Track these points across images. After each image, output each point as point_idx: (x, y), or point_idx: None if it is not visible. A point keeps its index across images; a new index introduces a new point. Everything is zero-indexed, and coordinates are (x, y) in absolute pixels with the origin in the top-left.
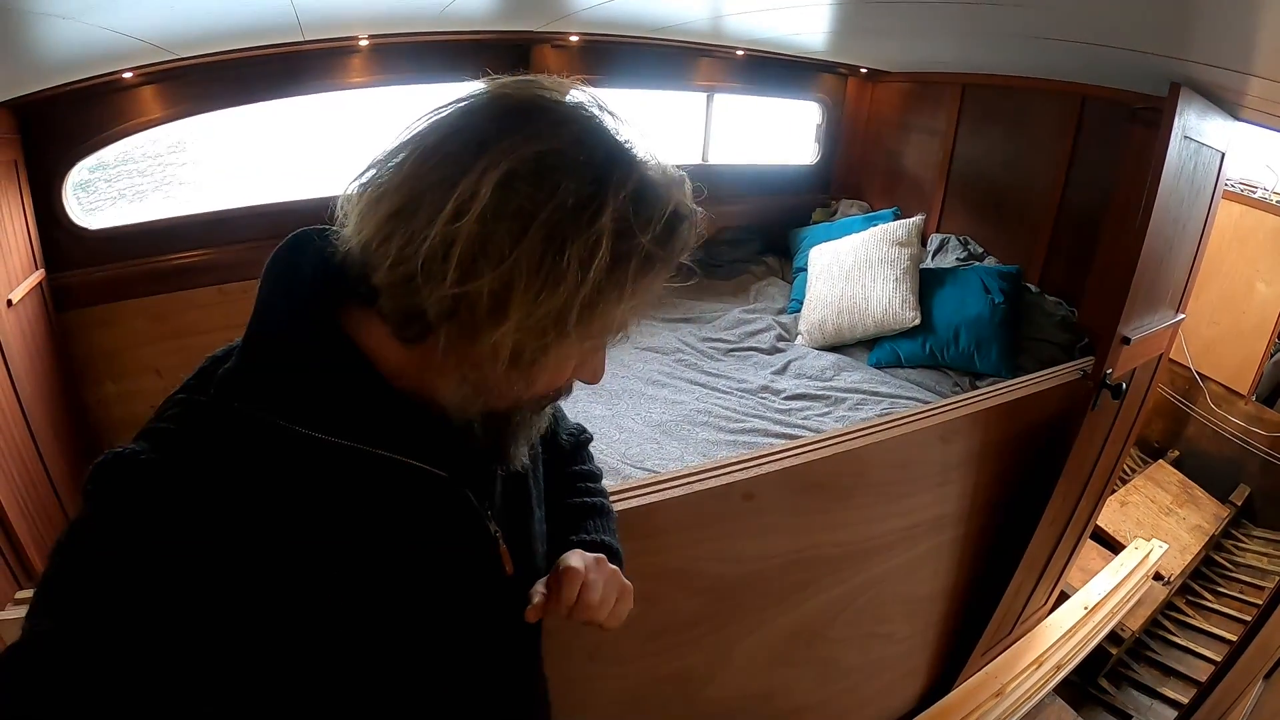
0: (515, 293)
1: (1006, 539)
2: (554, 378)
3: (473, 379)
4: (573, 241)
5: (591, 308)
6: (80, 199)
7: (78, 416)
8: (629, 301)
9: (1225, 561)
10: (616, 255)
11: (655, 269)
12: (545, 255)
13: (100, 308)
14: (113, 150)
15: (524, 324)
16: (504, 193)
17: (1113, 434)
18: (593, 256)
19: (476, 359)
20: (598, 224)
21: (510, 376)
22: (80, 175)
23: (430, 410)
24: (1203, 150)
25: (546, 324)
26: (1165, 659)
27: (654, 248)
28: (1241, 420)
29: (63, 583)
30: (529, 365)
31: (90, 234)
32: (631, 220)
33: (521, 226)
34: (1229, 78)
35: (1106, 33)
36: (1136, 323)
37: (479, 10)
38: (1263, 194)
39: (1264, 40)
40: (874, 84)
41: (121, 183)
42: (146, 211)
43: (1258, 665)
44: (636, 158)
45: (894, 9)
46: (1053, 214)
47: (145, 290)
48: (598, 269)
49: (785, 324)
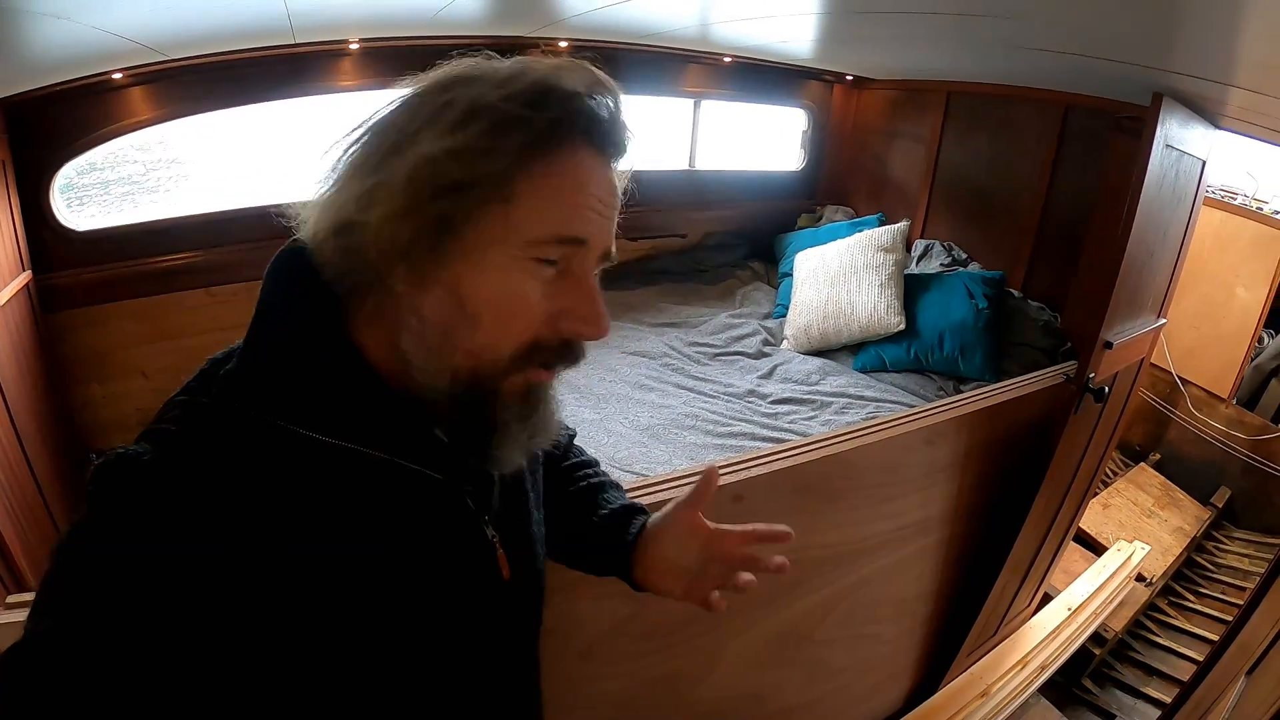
0: (396, 180)
1: (991, 541)
2: (503, 314)
3: (422, 331)
4: (431, 115)
5: (472, 181)
6: (68, 199)
7: (64, 418)
8: (522, 181)
9: (1207, 563)
10: (471, 115)
11: (528, 135)
12: (406, 129)
13: (87, 309)
14: (101, 151)
15: (415, 206)
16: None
17: (1095, 437)
18: (445, 118)
19: (416, 304)
20: (452, 95)
21: (453, 316)
22: (68, 176)
23: (429, 412)
24: (1184, 158)
25: (435, 209)
26: (1148, 659)
27: (516, 108)
28: (1222, 424)
29: (64, 584)
30: (462, 291)
31: (78, 235)
32: (495, 90)
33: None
34: (1210, 88)
35: (1091, 44)
36: (1119, 328)
37: (471, 15)
38: (1243, 200)
39: (1244, 53)
40: (860, 91)
41: (111, 183)
42: (135, 213)
43: (1240, 663)
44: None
45: (882, 18)
46: (1036, 220)
47: (133, 292)
48: (455, 132)
49: (771, 329)
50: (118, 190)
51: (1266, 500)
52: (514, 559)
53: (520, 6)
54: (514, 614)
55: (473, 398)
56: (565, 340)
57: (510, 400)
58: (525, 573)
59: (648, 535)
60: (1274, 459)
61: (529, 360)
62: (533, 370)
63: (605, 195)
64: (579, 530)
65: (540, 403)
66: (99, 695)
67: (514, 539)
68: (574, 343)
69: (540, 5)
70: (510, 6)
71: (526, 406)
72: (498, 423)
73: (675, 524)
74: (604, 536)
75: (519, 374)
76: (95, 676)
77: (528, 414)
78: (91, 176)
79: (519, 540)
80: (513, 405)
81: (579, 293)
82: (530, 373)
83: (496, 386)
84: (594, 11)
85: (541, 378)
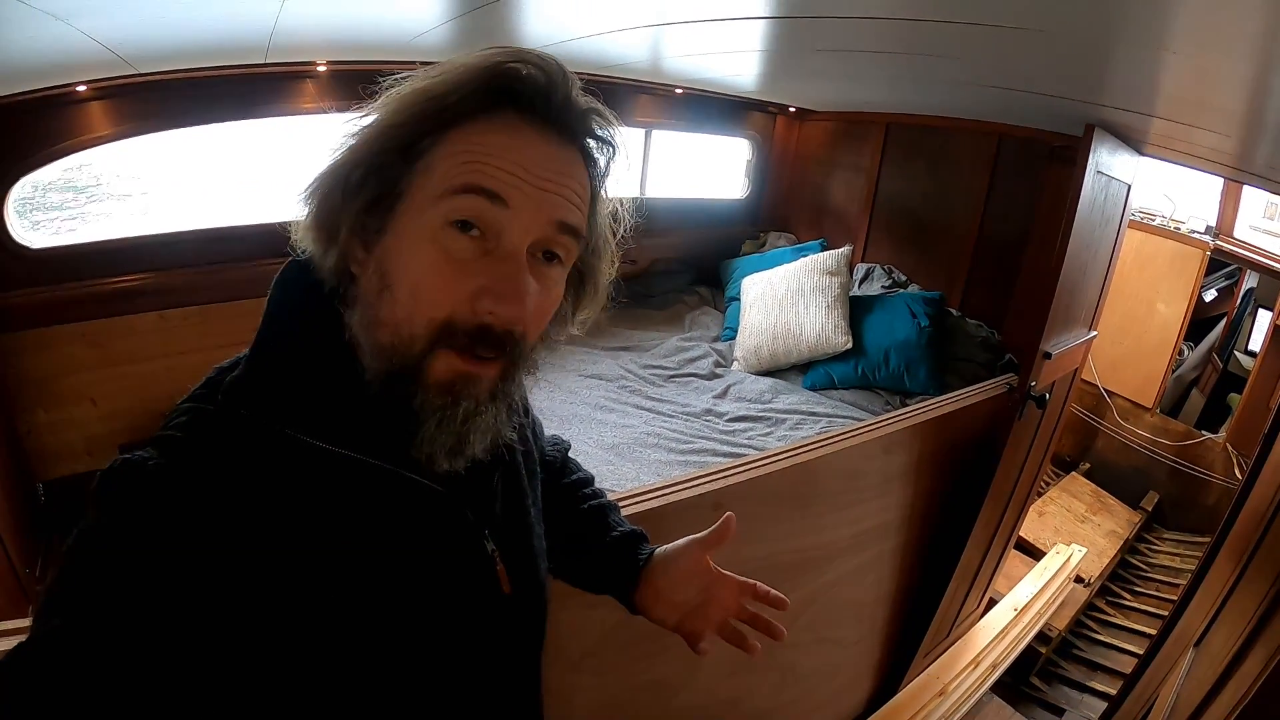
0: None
1: (942, 546)
2: (414, 284)
3: (363, 311)
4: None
5: (389, 156)
6: (21, 215)
7: (9, 445)
8: (439, 150)
9: (1140, 564)
10: (392, 99)
11: (441, 106)
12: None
13: (35, 331)
14: (56, 167)
15: (358, 184)
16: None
17: (1035, 444)
18: (374, 108)
19: (363, 287)
20: (392, 90)
21: (378, 289)
22: (22, 191)
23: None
24: (1112, 183)
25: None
26: (1091, 655)
27: (433, 85)
28: (1148, 432)
29: (69, 585)
30: (386, 264)
31: (31, 253)
32: (421, 77)
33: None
34: (1136, 119)
35: (1026, 80)
36: (1056, 339)
37: (442, 44)
38: (1161, 221)
39: (1165, 87)
40: (801, 122)
41: (67, 200)
42: (89, 232)
43: (1179, 650)
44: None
45: (829, 55)
46: (972, 244)
47: (83, 314)
48: (374, 113)
49: (721, 350)
50: (65, 204)
51: (1192, 502)
52: (515, 573)
53: (489, 38)
54: (515, 628)
55: (394, 378)
56: (483, 324)
57: (433, 390)
58: (527, 587)
59: (654, 565)
60: (1198, 463)
61: (444, 340)
62: (454, 355)
63: (539, 167)
64: (585, 550)
65: (470, 400)
66: (101, 695)
67: (515, 552)
68: (492, 327)
69: (510, 38)
70: (480, 38)
71: (450, 402)
72: (417, 412)
73: (683, 559)
74: (611, 560)
75: (439, 357)
76: (98, 677)
77: (450, 410)
78: (43, 191)
79: (520, 554)
80: (434, 397)
81: (500, 268)
82: (452, 358)
83: (417, 368)
84: (559, 44)
85: (467, 367)
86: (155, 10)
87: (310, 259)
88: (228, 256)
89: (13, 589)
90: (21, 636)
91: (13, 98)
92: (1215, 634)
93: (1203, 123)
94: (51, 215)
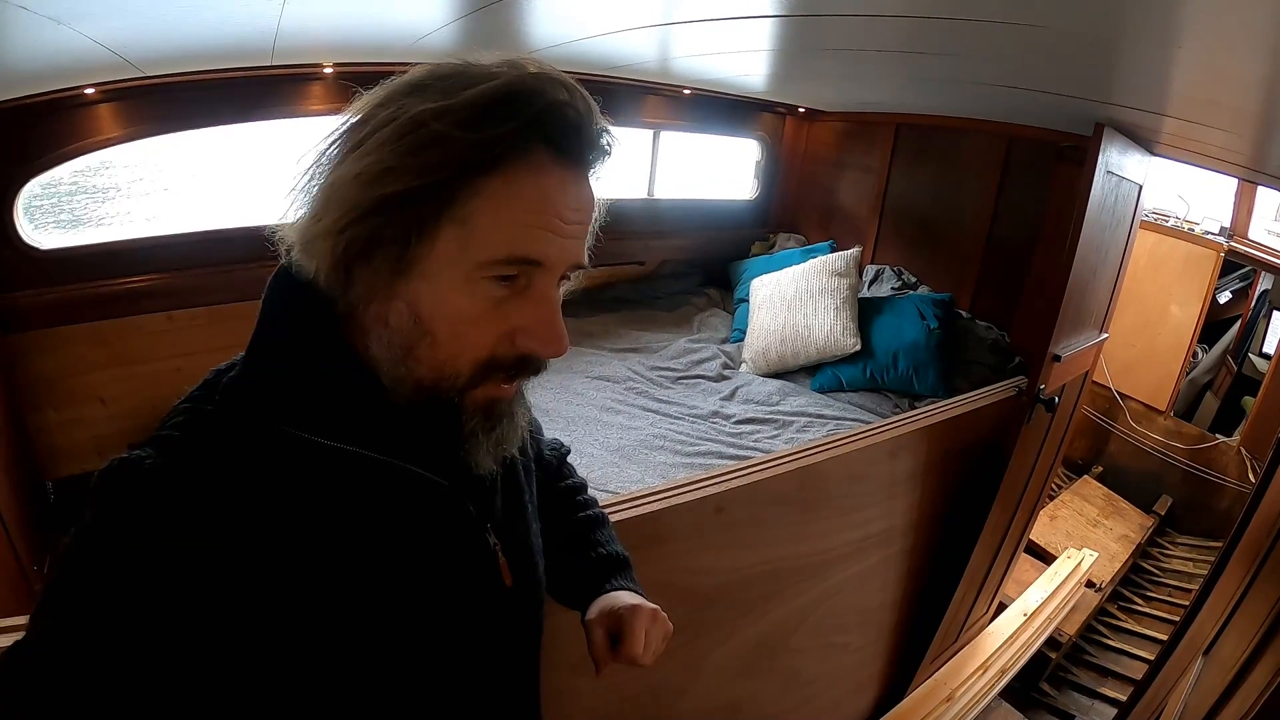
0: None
1: (949, 550)
2: (458, 332)
3: (389, 340)
4: (377, 126)
5: (411, 198)
6: (32, 217)
7: (19, 444)
8: (473, 201)
9: (1152, 568)
10: (410, 129)
11: (471, 155)
12: (358, 134)
13: (46, 331)
14: (67, 168)
15: (358, 219)
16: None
17: (1045, 447)
18: (387, 131)
19: (383, 313)
20: (401, 104)
21: (413, 330)
22: (32, 192)
23: (431, 419)
24: (1123, 184)
25: (380, 215)
26: (1102, 661)
27: (455, 127)
28: (1161, 435)
29: (67, 585)
30: (420, 308)
31: (41, 254)
32: (442, 102)
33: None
34: (1146, 118)
35: (1035, 79)
36: (1065, 342)
37: (449, 44)
38: (1175, 223)
39: (1175, 85)
40: (810, 123)
41: (78, 201)
42: (100, 233)
43: (1190, 655)
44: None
45: (835, 54)
46: (981, 245)
47: (93, 315)
48: (391, 144)
49: (729, 352)
50: (77, 204)
51: (1206, 506)
52: (515, 567)
53: (496, 39)
54: (516, 621)
55: (434, 402)
56: (523, 355)
57: (473, 413)
58: (526, 580)
59: (608, 597)
60: (1212, 466)
61: (488, 374)
62: (494, 384)
63: (569, 210)
64: (567, 562)
65: (504, 416)
66: (99, 694)
67: (515, 547)
68: (532, 358)
69: (516, 38)
70: (487, 38)
71: (491, 419)
72: (465, 432)
73: (612, 618)
74: (587, 578)
75: (480, 388)
76: (96, 676)
77: (492, 426)
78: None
79: (520, 548)
80: (476, 417)
81: (538, 312)
82: (492, 386)
83: (460, 399)
84: (565, 45)
85: (504, 393)
86: (156, 13)
87: (296, 263)
88: (236, 258)
89: (21, 587)
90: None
91: (22, 100)
92: (1225, 641)
93: (1214, 122)
94: (74, 214)
